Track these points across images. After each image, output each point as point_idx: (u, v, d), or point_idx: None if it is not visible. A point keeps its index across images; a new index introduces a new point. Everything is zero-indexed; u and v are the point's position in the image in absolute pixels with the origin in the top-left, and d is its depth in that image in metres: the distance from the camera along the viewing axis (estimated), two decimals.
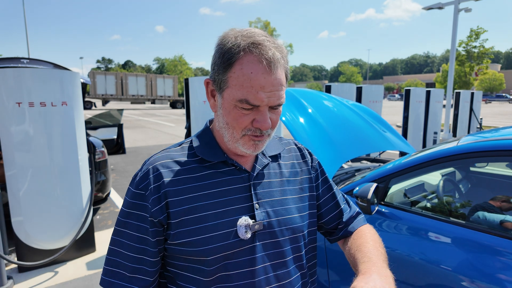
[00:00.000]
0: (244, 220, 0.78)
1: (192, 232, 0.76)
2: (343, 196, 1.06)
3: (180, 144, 0.88)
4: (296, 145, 1.01)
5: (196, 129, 3.97)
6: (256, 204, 0.82)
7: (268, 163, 0.89)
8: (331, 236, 1.03)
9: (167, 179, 0.78)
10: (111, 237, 0.81)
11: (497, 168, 2.38)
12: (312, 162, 0.99)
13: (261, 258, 0.80)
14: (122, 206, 0.81)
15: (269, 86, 0.73)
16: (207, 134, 0.87)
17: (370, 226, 1.01)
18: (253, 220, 0.79)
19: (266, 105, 0.74)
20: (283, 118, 2.54)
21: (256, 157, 0.88)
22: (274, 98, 0.74)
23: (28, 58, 3.79)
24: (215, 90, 0.80)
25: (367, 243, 0.87)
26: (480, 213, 1.69)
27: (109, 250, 0.80)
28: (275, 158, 0.92)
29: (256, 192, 0.83)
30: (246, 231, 0.78)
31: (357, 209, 1.05)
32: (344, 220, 1.00)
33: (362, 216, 1.04)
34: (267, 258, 0.81)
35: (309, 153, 1.01)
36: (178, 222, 0.76)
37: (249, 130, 0.77)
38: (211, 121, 0.90)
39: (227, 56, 0.74)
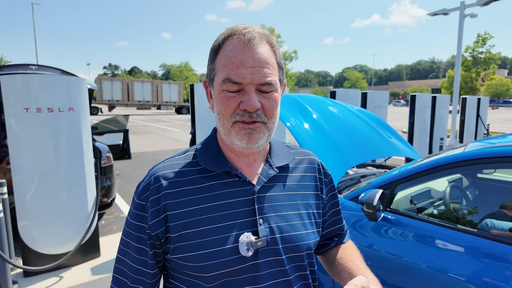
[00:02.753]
0: (246, 237, 0.74)
1: (191, 247, 0.73)
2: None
3: (185, 152, 0.86)
4: (310, 156, 0.95)
5: (201, 134, 3.98)
6: (260, 219, 0.77)
7: (275, 175, 0.84)
8: (321, 249, 1.01)
9: (167, 191, 0.76)
10: (118, 246, 0.81)
11: (505, 175, 2.34)
12: (325, 178, 0.95)
13: (264, 276, 0.76)
14: (127, 215, 0.81)
15: (249, 60, 0.71)
16: (212, 141, 0.85)
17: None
18: (256, 237, 0.75)
19: (250, 83, 0.72)
20: (288, 124, 2.54)
21: (262, 168, 0.84)
22: (258, 75, 0.71)
23: (37, 65, 3.85)
24: (209, 86, 0.81)
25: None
26: (489, 220, 1.66)
27: (116, 258, 0.81)
28: (284, 169, 0.86)
29: (260, 206, 0.78)
30: (248, 249, 0.73)
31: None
32: (342, 235, 1.01)
33: (348, 230, 1.08)
34: (270, 276, 0.76)
35: (323, 167, 0.97)
36: (178, 236, 0.74)
37: (237, 114, 0.73)
38: (216, 128, 0.88)
39: (213, 48, 0.77)
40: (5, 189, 2.87)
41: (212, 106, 0.81)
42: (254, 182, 0.81)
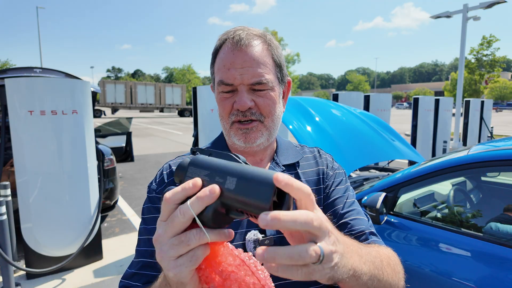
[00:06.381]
0: (253, 235, 0.72)
1: None
2: (366, 221, 0.82)
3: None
4: (318, 152, 0.92)
5: (203, 137, 3.99)
6: None
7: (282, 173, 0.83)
8: None
9: None
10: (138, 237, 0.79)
11: (510, 178, 2.33)
12: (329, 170, 0.88)
13: (272, 276, 0.74)
14: (143, 205, 0.80)
15: (239, 61, 0.73)
16: (221, 141, 0.87)
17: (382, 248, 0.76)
18: (263, 235, 0.73)
19: (241, 83, 0.73)
20: (290, 127, 2.54)
21: (269, 167, 0.83)
22: (247, 75, 0.73)
23: (41, 68, 3.88)
24: (214, 90, 0.83)
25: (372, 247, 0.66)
26: (493, 224, 1.65)
27: (138, 240, 0.78)
28: (291, 167, 0.85)
29: None
30: (255, 247, 0.71)
31: (379, 240, 0.80)
32: (358, 234, 0.79)
33: (377, 239, 0.79)
34: (278, 277, 0.73)
35: (329, 160, 0.91)
36: None
37: (233, 115, 0.76)
38: None
39: (212, 53, 0.80)
40: (9, 191, 2.89)
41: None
42: None
